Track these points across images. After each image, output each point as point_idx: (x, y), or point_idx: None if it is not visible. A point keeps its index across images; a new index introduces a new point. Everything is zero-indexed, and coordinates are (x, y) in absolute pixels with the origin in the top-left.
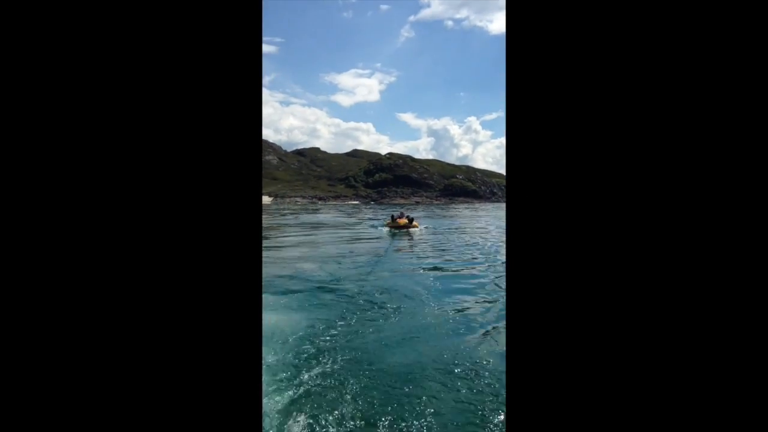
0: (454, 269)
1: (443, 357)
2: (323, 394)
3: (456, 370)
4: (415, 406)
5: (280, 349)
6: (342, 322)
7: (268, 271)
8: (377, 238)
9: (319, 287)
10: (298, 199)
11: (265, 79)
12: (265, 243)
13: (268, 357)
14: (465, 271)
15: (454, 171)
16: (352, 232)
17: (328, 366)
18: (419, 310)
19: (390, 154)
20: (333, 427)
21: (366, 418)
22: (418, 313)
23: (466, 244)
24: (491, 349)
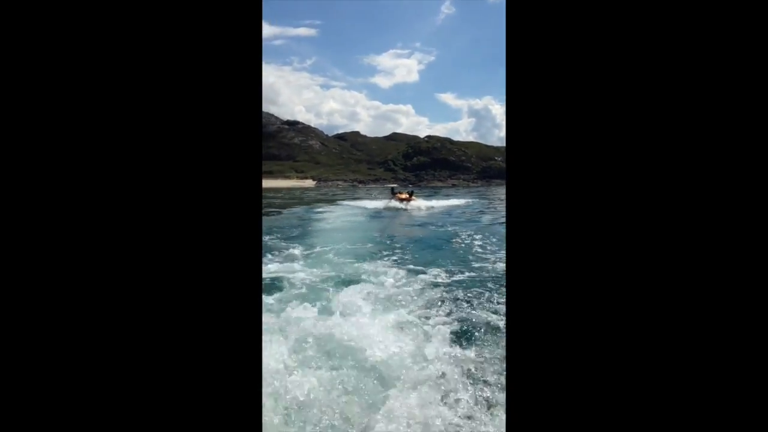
0: None
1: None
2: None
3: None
4: (410, 402)
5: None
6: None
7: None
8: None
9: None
10: (339, 182)
11: (306, 63)
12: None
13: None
14: None
15: (492, 153)
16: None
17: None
18: None
19: (428, 137)
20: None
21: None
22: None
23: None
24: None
